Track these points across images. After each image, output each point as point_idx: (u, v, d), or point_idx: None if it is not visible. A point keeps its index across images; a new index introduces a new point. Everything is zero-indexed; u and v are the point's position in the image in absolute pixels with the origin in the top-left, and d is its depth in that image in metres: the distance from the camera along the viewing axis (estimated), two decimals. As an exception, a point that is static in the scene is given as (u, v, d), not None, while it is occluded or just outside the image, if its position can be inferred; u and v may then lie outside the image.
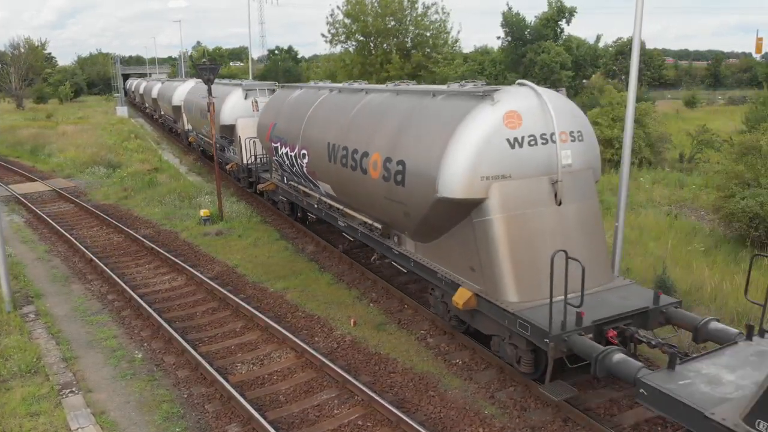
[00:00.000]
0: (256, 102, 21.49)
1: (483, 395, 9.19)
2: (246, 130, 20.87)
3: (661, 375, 6.80)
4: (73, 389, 9.47)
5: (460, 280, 9.81)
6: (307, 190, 15.64)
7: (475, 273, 9.47)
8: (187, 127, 32.28)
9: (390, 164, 10.53)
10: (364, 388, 9.00)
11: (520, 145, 9.07)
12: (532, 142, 9.16)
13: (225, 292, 13.01)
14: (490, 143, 8.94)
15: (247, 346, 10.94)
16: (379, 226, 12.01)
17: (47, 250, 16.87)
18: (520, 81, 9.93)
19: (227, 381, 9.39)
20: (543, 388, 8.20)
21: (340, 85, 15.50)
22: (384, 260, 13.06)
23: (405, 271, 12.97)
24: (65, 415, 8.73)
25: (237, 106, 21.83)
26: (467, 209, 9.26)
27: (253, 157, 20.12)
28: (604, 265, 9.58)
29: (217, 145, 23.24)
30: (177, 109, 34.63)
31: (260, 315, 11.75)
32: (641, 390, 6.71)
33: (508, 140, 9.02)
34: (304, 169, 14.68)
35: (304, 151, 14.43)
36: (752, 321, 10.85)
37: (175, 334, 10.94)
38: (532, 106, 9.31)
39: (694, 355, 7.41)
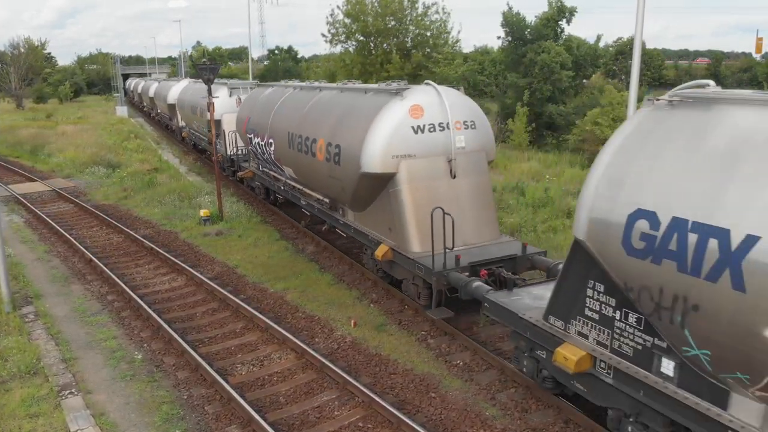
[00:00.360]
0: (240, 99, 23.54)
1: (484, 396, 9.17)
2: (230, 125, 22.83)
3: (500, 294, 9.34)
4: (73, 390, 9.44)
5: (382, 238, 12.31)
6: (275, 174, 17.98)
7: (391, 232, 12.05)
8: (181, 123, 34.51)
9: (330, 148, 13.03)
10: (364, 390, 8.98)
11: (422, 131, 11.62)
12: (432, 129, 11.68)
13: (225, 292, 12.98)
14: (398, 129, 11.51)
15: (247, 347, 10.91)
16: (327, 201, 14.54)
17: (47, 250, 16.84)
18: (426, 81, 12.30)
19: (227, 382, 9.36)
20: (429, 312, 10.89)
21: (301, 83, 18.11)
22: (333, 229, 15.23)
23: (345, 235, 14.87)
24: (65, 417, 8.70)
25: (223, 103, 23.69)
26: (384, 182, 11.80)
27: (235, 149, 22.55)
28: (491, 225, 12.11)
29: (206, 139, 26.38)
30: (172, 107, 36.96)
31: (260, 316, 11.72)
32: (485, 304, 9.34)
33: (412, 127, 11.56)
34: (272, 156, 17.05)
35: (271, 140, 16.85)
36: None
37: (175, 335, 10.91)
38: (433, 101, 11.82)
39: (530, 282, 10.00)
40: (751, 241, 5.28)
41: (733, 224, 5.46)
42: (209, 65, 19.08)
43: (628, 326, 6.83)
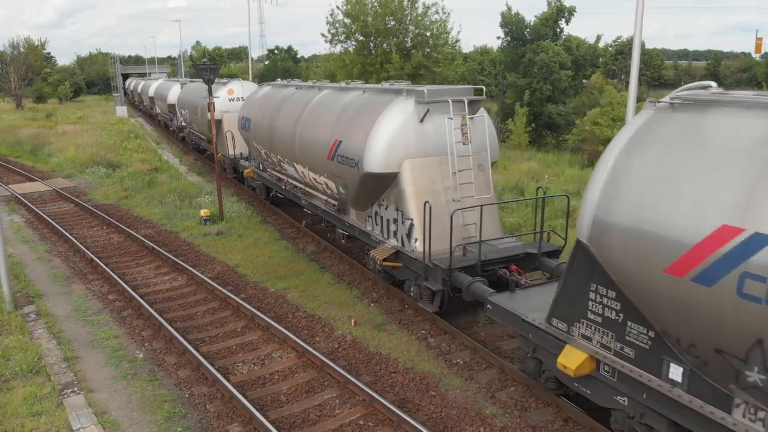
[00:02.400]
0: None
1: (484, 395, 9.21)
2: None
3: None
4: (75, 389, 9.47)
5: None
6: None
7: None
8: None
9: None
10: (365, 388, 9.02)
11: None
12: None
13: (226, 292, 13.02)
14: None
15: (248, 346, 10.95)
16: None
17: (47, 250, 16.87)
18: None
19: (228, 381, 9.41)
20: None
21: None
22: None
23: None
24: (67, 415, 8.74)
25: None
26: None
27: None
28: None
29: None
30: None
31: (261, 315, 11.76)
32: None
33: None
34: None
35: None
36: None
37: (176, 334, 10.95)
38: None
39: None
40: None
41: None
42: (209, 65, 19.10)
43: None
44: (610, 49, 63.64)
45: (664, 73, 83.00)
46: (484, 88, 12.89)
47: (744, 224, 5.35)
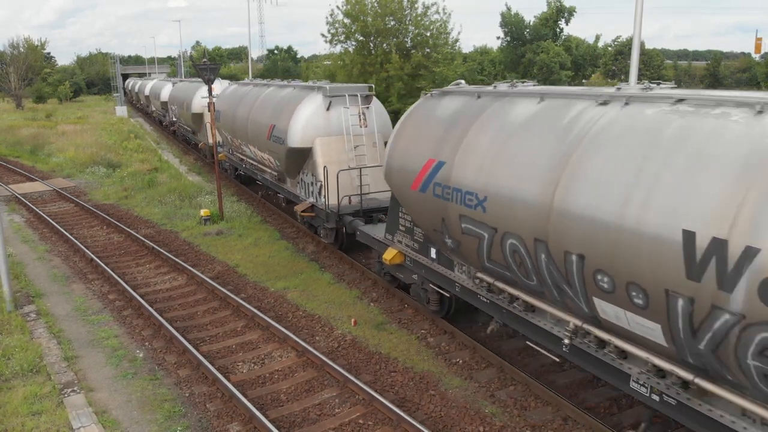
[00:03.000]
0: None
1: (483, 394, 9.23)
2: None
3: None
4: (75, 388, 9.49)
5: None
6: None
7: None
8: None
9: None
10: (365, 387, 9.04)
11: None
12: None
13: (226, 291, 13.04)
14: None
15: (248, 345, 10.97)
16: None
17: (48, 249, 16.89)
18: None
19: (228, 380, 9.43)
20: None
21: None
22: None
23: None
24: (67, 414, 8.76)
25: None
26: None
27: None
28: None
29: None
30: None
31: (261, 314, 11.78)
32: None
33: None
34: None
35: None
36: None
37: (176, 334, 10.97)
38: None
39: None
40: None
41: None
42: (209, 65, 19.13)
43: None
44: (609, 49, 63.69)
45: (663, 73, 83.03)
46: (373, 86, 16.57)
47: (435, 156, 9.29)
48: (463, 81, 9.76)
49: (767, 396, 5.42)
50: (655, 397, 6.70)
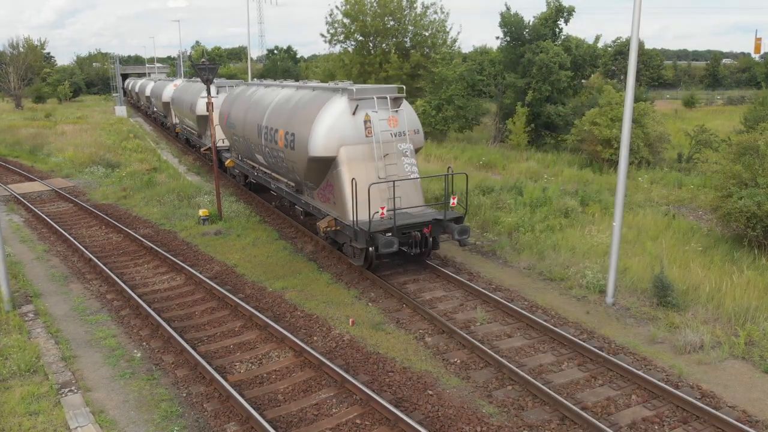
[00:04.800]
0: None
1: (481, 394, 9.23)
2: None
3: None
4: (72, 388, 9.49)
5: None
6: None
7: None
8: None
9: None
10: (362, 387, 9.04)
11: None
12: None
13: (224, 291, 13.03)
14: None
15: (245, 345, 10.96)
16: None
17: (46, 249, 16.88)
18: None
19: (226, 380, 9.42)
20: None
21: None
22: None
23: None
24: (64, 414, 8.76)
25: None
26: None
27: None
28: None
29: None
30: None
31: (259, 314, 11.78)
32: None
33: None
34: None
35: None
36: (748, 322, 10.93)
37: (174, 334, 10.97)
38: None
39: None
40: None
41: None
42: (208, 65, 19.10)
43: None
44: (609, 49, 63.63)
45: (663, 73, 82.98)
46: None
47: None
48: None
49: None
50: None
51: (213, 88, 26.16)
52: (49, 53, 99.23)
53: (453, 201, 13.71)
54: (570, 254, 15.07)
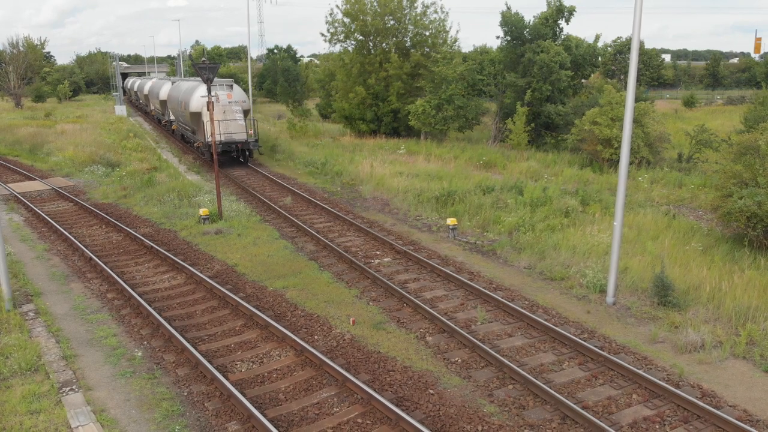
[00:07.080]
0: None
1: (482, 393, 9.23)
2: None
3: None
4: (73, 387, 9.49)
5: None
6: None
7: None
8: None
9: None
10: (363, 386, 9.04)
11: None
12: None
13: (224, 290, 13.03)
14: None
15: (246, 344, 10.96)
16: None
17: (46, 248, 16.88)
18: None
19: (227, 379, 9.43)
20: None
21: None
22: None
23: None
24: (65, 413, 8.76)
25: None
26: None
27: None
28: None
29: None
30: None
31: (260, 314, 11.78)
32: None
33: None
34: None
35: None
36: (749, 321, 10.94)
37: (175, 333, 10.96)
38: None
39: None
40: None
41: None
42: (208, 65, 19.09)
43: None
44: (609, 49, 63.60)
45: (663, 72, 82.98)
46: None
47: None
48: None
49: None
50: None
51: (204, 87, 29.18)
52: (48, 52, 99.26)
53: (250, 132, 28.84)
54: (570, 254, 15.08)
